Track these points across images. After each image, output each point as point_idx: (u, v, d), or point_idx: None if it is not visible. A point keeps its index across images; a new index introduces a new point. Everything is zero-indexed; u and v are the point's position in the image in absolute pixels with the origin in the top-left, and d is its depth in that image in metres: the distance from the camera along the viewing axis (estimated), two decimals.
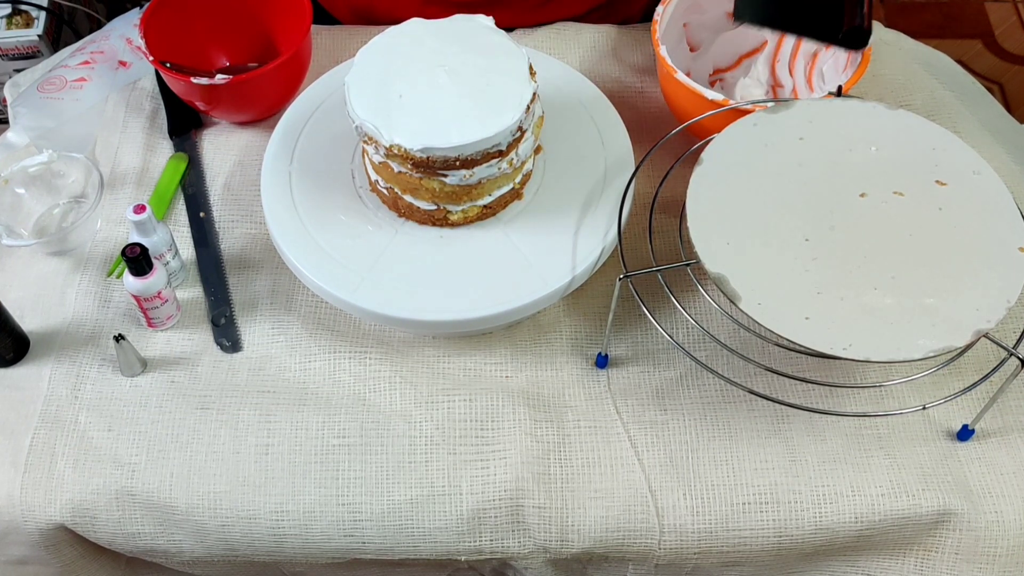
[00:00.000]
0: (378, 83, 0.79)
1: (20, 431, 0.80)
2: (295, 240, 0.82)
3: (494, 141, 0.76)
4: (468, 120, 0.76)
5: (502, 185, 0.81)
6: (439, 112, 0.77)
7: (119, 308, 0.86)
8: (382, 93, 0.78)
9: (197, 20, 0.97)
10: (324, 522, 0.77)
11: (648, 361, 0.83)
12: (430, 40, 0.81)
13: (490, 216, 0.83)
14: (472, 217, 0.82)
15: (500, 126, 0.76)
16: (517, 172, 0.82)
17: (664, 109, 0.96)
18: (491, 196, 0.81)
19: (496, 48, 0.80)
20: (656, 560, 0.78)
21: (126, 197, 0.93)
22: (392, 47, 0.81)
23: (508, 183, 0.82)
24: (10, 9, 1.48)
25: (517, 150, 0.79)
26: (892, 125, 0.79)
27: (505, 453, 0.78)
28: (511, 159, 0.79)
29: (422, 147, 0.75)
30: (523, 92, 0.77)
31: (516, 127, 0.77)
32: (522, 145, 0.79)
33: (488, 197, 0.81)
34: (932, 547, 0.78)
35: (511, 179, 0.81)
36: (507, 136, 0.76)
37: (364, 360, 0.83)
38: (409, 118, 0.76)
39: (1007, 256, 0.72)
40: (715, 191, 0.75)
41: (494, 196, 0.81)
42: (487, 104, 0.77)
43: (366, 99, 0.78)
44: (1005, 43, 2.03)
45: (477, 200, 0.81)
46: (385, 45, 0.81)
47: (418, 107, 0.77)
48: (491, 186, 0.80)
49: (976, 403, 0.80)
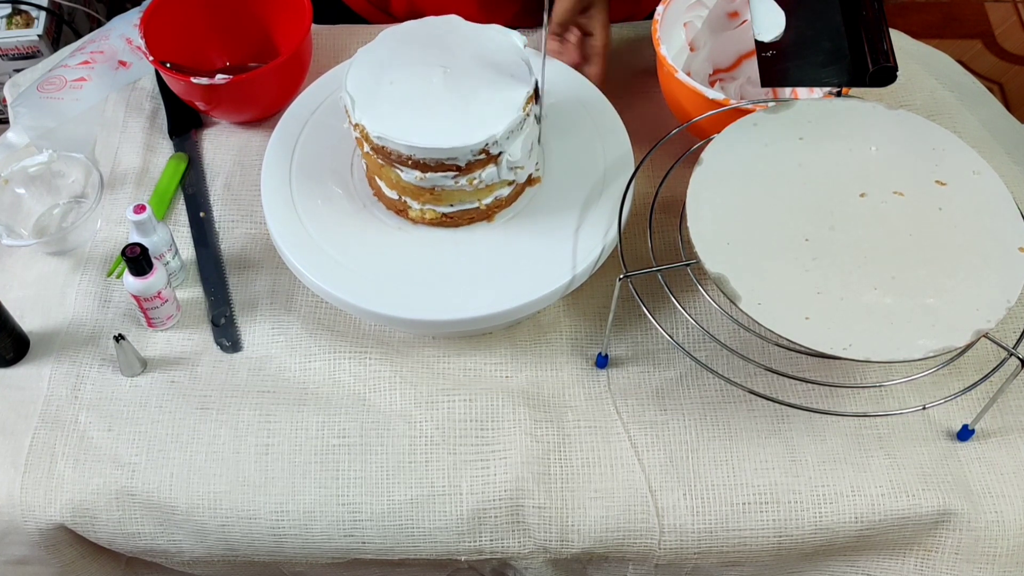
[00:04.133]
0: (379, 65, 0.79)
1: (20, 431, 0.80)
2: (295, 240, 0.82)
3: (448, 155, 0.75)
4: (433, 126, 0.75)
5: (464, 201, 0.80)
6: (415, 109, 0.77)
7: (119, 308, 0.86)
8: (377, 75, 0.79)
9: (197, 20, 0.97)
10: (324, 522, 0.77)
11: (648, 361, 0.83)
12: (451, 38, 0.81)
13: (452, 225, 0.82)
14: (431, 220, 0.81)
15: (457, 142, 0.75)
16: (483, 193, 0.80)
17: (664, 109, 0.96)
18: (451, 207, 0.80)
19: (510, 70, 0.79)
20: (656, 560, 0.78)
21: (126, 197, 0.93)
22: (412, 36, 0.81)
23: (472, 200, 0.80)
24: (10, 9, 1.48)
25: (481, 172, 0.77)
26: (892, 125, 0.79)
27: (505, 453, 0.78)
28: (472, 179, 0.77)
29: (379, 135, 0.75)
30: (501, 122, 0.76)
31: (479, 149, 0.75)
32: (487, 169, 0.77)
33: (448, 207, 0.80)
34: (932, 547, 0.78)
35: (475, 197, 0.80)
36: (466, 154, 0.75)
37: (364, 360, 0.83)
38: (385, 104, 0.77)
39: (1007, 256, 0.72)
40: (715, 191, 0.75)
41: (454, 208, 0.80)
42: (460, 118, 0.76)
43: (361, 75, 0.79)
44: (1005, 43, 2.03)
45: (436, 205, 0.80)
46: (406, 32, 0.82)
47: (400, 97, 0.77)
48: (449, 196, 0.79)
49: (976, 403, 0.80)
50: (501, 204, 0.83)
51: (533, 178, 0.84)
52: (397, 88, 0.78)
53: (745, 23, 0.96)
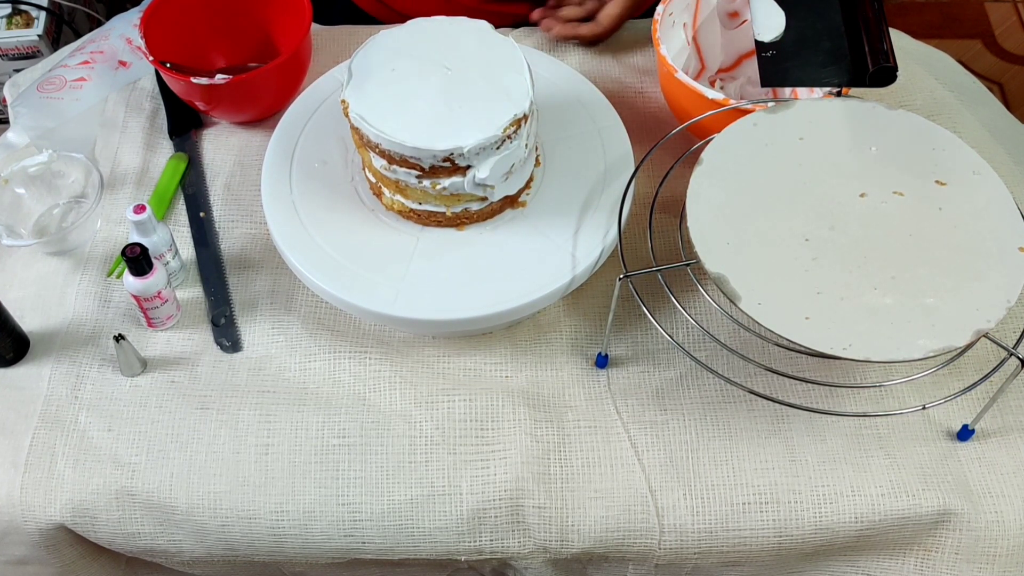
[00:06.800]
0: (393, 51, 0.80)
1: (20, 431, 0.80)
2: (295, 240, 0.82)
3: (412, 153, 0.75)
4: (407, 121, 0.75)
5: (429, 202, 0.80)
6: (401, 100, 0.77)
7: (119, 308, 0.86)
8: (385, 59, 0.79)
9: (197, 20, 0.97)
10: (324, 522, 0.77)
11: (648, 361, 0.83)
12: (471, 42, 0.81)
13: (417, 221, 0.82)
14: (400, 210, 0.82)
15: (421, 143, 0.74)
16: (449, 200, 0.79)
17: (664, 109, 0.96)
18: (419, 204, 0.80)
19: (509, 89, 0.77)
20: (656, 560, 0.78)
21: (126, 197, 0.93)
22: (437, 31, 0.82)
23: (438, 204, 0.80)
24: (10, 9, 1.48)
25: (445, 180, 0.77)
26: (892, 125, 0.79)
27: (505, 453, 0.78)
28: (436, 183, 0.77)
29: (356, 115, 0.76)
30: (473, 137, 0.74)
31: (442, 157, 0.75)
32: (452, 179, 0.77)
33: (416, 203, 0.80)
34: (932, 547, 0.78)
35: (440, 202, 0.80)
36: (428, 158, 0.75)
37: (364, 360, 0.83)
38: (376, 88, 0.78)
39: (1007, 256, 0.72)
40: (715, 191, 0.75)
41: (422, 206, 0.80)
42: (437, 121, 0.76)
43: (370, 54, 0.80)
44: (1005, 43, 2.03)
45: (404, 199, 0.80)
46: (434, 25, 0.82)
47: (393, 85, 0.78)
48: (416, 194, 0.79)
49: (976, 403, 0.80)
50: (471, 217, 0.82)
51: (518, 201, 0.84)
52: (396, 76, 0.78)
53: (745, 23, 0.96)
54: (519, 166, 0.80)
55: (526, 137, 0.79)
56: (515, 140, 0.77)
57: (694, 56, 0.98)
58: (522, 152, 0.79)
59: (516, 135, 0.77)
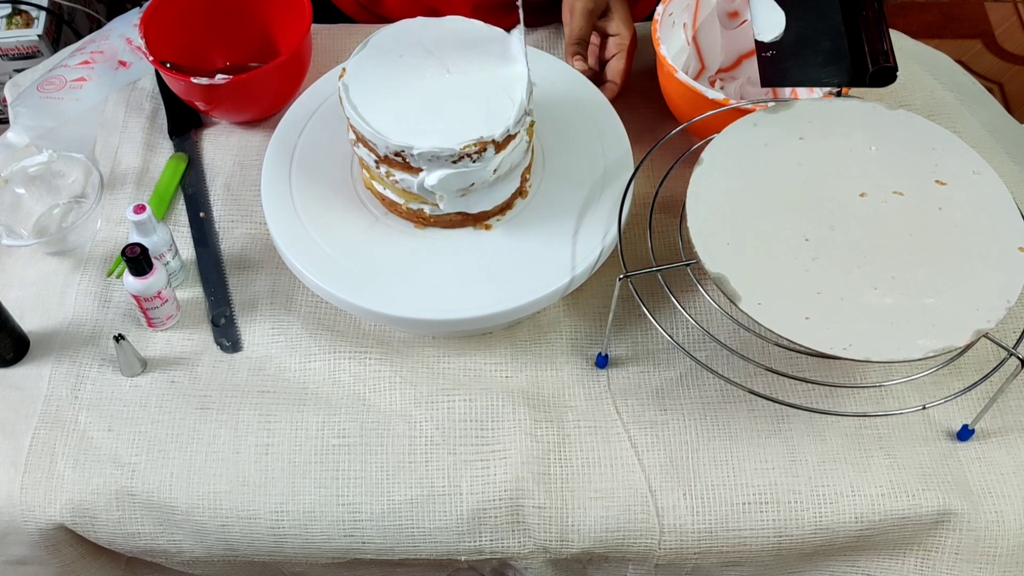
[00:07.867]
0: (404, 42, 0.80)
1: (20, 431, 0.80)
2: (295, 240, 0.82)
3: (369, 135, 0.75)
4: (381, 105, 0.76)
5: (387, 188, 0.80)
6: (390, 88, 0.77)
7: (119, 308, 0.86)
8: (393, 47, 0.80)
9: (197, 20, 0.97)
10: (324, 522, 0.77)
11: (648, 361, 0.83)
12: (480, 44, 0.81)
13: (398, 214, 0.83)
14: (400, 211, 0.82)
15: (378, 127, 0.75)
16: (406, 196, 0.79)
17: (664, 109, 0.96)
18: (382, 188, 0.81)
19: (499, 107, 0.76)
20: (656, 560, 0.78)
21: (126, 197, 0.93)
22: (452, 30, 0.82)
23: (396, 195, 0.80)
24: (10, 9, 1.48)
25: (396, 173, 0.77)
26: (892, 125, 0.79)
27: (505, 453, 0.78)
28: (389, 173, 0.77)
29: (350, 106, 0.76)
30: (427, 142, 0.74)
31: (394, 150, 0.75)
32: (403, 174, 0.77)
33: (395, 196, 0.80)
34: (932, 547, 0.78)
35: (396, 193, 0.80)
36: (381, 145, 0.75)
37: (364, 360, 0.83)
38: (373, 81, 0.78)
39: (1007, 256, 0.72)
40: (715, 191, 0.75)
41: (384, 190, 0.81)
42: (408, 113, 0.76)
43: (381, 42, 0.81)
44: (1005, 43, 2.03)
45: (389, 193, 0.81)
46: (452, 23, 0.83)
47: (389, 73, 0.78)
48: (378, 178, 0.80)
49: (976, 403, 0.80)
50: (427, 220, 0.82)
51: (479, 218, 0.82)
52: (398, 64, 0.79)
53: (745, 23, 0.96)
54: (482, 187, 0.78)
55: (497, 163, 0.76)
56: (478, 161, 0.75)
57: (694, 56, 0.98)
58: (487, 175, 0.77)
59: (480, 157, 0.75)
